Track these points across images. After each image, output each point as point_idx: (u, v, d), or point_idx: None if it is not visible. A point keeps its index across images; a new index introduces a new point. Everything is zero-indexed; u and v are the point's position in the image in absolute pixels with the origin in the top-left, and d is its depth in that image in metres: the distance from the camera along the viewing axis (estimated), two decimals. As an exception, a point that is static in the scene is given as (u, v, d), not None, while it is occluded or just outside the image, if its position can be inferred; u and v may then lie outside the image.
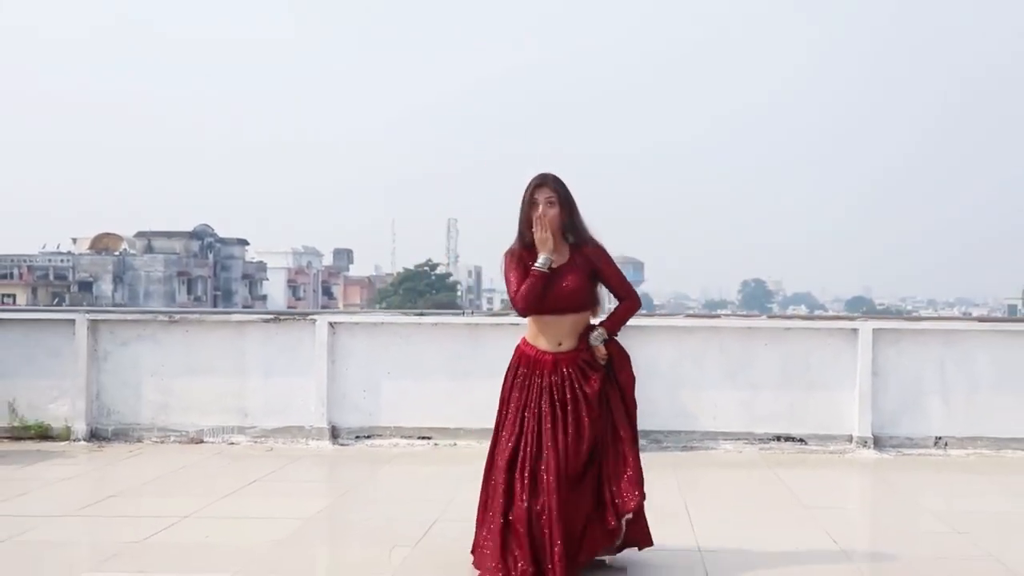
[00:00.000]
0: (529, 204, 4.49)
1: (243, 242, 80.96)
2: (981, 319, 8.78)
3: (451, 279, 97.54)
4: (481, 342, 8.50)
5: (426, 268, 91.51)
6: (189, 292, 71.20)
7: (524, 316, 4.62)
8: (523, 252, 4.52)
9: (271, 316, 8.72)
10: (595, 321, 4.74)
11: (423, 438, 8.44)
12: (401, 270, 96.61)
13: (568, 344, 4.58)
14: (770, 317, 8.73)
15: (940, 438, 8.17)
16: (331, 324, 8.58)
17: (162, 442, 8.53)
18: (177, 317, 8.78)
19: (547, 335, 4.59)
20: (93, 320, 8.70)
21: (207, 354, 8.65)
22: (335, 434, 8.50)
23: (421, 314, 8.81)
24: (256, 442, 8.50)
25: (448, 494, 6.61)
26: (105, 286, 66.98)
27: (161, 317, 8.79)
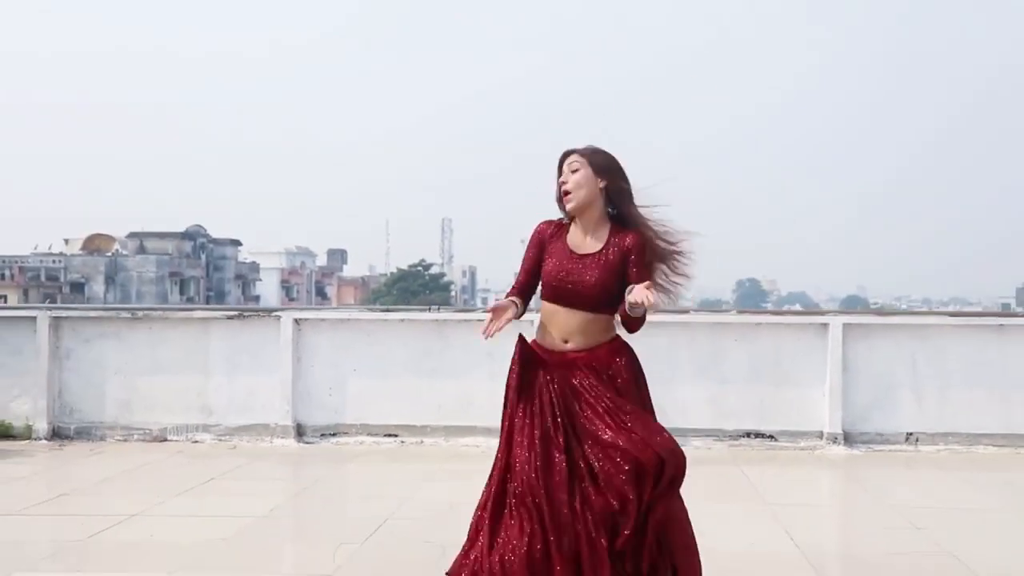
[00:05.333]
0: (558, 178, 3.68)
1: (236, 242, 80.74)
2: (953, 314, 8.70)
3: (445, 279, 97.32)
4: (448, 339, 8.40)
5: (419, 268, 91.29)
6: (182, 293, 70.91)
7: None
8: (554, 228, 3.71)
9: (235, 313, 8.61)
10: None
11: (389, 436, 8.33)
12: (395, 270, 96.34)
13: (576, 343, 3.61)
14: (740, 312, 8.62)
15: (911, 434, 8.08)
16: (296, 321, 8.47)
17: (125, 441, 8.41)
18: (141, 314, 8.67)
19: (554, 330, 3.64)
20: (55, 317, 8.59)
21: (171, 352, 8.55)
22: (301, 432, 8.39)
23: (387, 310, 8.71)
24: (220, 440, 8.39)
25: (407, 491, 6.54)
26: (97, 287, 66.71)
27: (124, 314, 8.68)
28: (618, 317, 3.65)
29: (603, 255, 3.58)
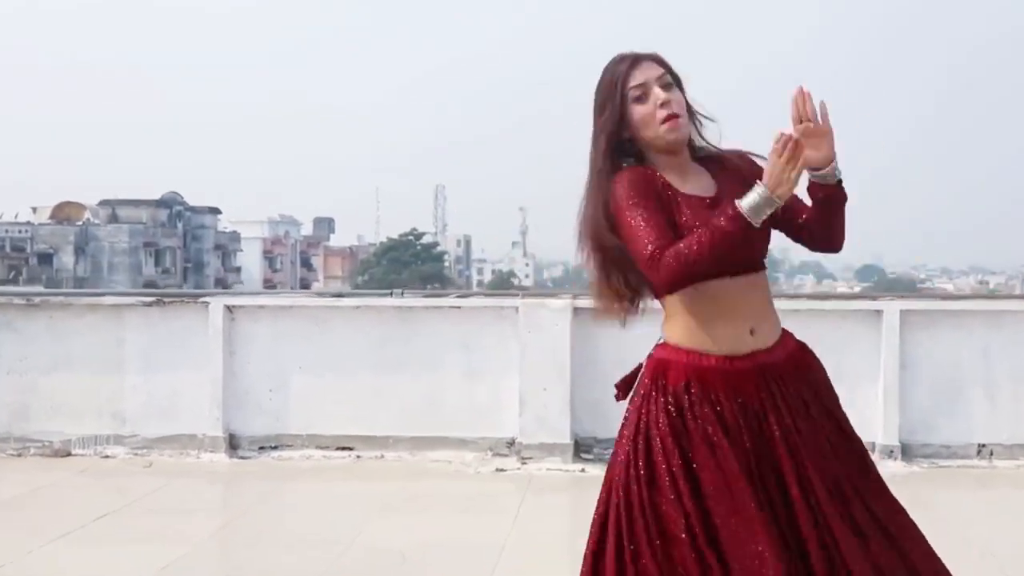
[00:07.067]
0: (622, 98, 2.45)
1: (215, 211, 78.68)
2: (1035, 297, 7.20)
3: (438, 249, 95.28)
4: (414, 328, 6.94)
5: (411, 237, 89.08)
6: (157, 264, 68.98)
7: (671, 291, 2.43)
8: (650, 174, 2.45)
9: (153, 298, 7.08)
10: None
11: (343, 448, 6.86)
12: (385, 240, 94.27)
13: (768, 332, 2.54)
14: (774, 297, 7.10)
15: (984, 445, 6.62)
16: (228, 307, 6.96)
17: (19, 456, 6.89)
18: (38, 300, 7.14)
19: (729, 317, 2.44)
20: (-67, 304, 7.03)
21: (77, 345, 7.02)
22: (234, 444, 6.90)
23: (339, 295, 7.24)
24: (135, 454, 6.89)
25: (355, 528, 5.24)
26: (66, 258, 64.74)
27: (18, 300, 7.14)
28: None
29: (727, 188, 2.47)
